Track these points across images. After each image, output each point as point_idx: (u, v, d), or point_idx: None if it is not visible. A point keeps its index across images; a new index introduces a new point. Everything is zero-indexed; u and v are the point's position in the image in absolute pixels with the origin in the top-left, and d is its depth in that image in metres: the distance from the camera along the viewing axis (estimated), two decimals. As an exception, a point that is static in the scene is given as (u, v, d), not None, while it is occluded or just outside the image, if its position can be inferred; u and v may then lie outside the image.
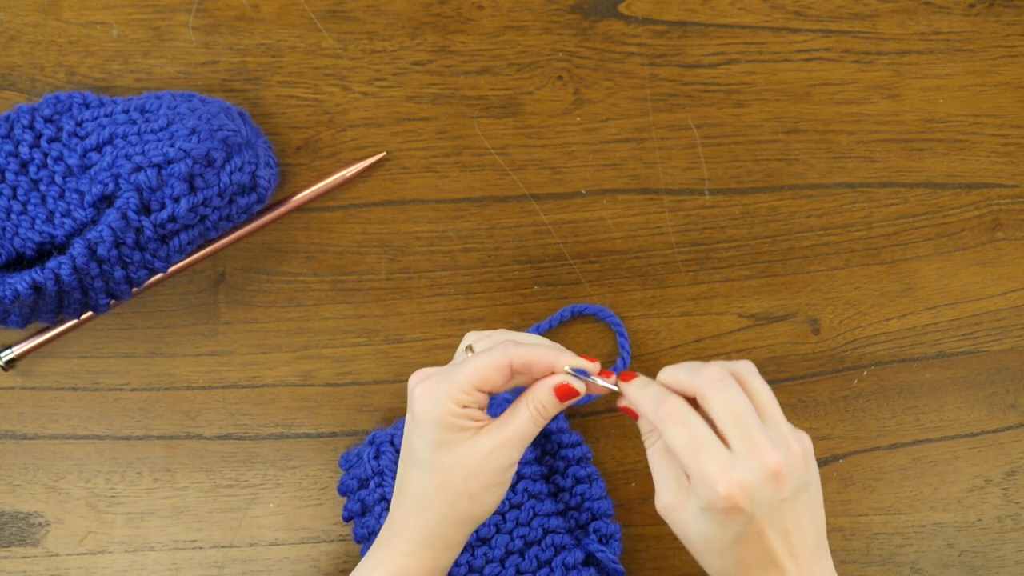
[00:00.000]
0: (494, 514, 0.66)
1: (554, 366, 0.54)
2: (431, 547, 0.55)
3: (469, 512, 0.55)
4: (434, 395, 0.53)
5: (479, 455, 0.53)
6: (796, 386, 0.73)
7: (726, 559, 0.53)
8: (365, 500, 0.65)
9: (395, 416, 0.71)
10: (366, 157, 0.71)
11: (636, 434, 0.71)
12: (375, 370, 0.71)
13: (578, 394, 0.54)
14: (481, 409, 0.55)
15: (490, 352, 0.54)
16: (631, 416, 0.56)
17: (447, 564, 0.57)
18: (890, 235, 0.74)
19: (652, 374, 0.58)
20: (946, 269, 0.74)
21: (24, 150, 0.65)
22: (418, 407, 0.54)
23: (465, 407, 0.53)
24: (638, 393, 0.54)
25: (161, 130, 0.63)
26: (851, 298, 0.73)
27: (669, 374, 0.54)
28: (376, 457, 0.65)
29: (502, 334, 0.57)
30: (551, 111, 0.72)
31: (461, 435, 0.53)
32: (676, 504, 0.53)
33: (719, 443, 0.51)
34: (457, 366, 0.54)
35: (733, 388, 0.52)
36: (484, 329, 0.58)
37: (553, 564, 0.65)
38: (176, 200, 0.62)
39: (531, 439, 0.55)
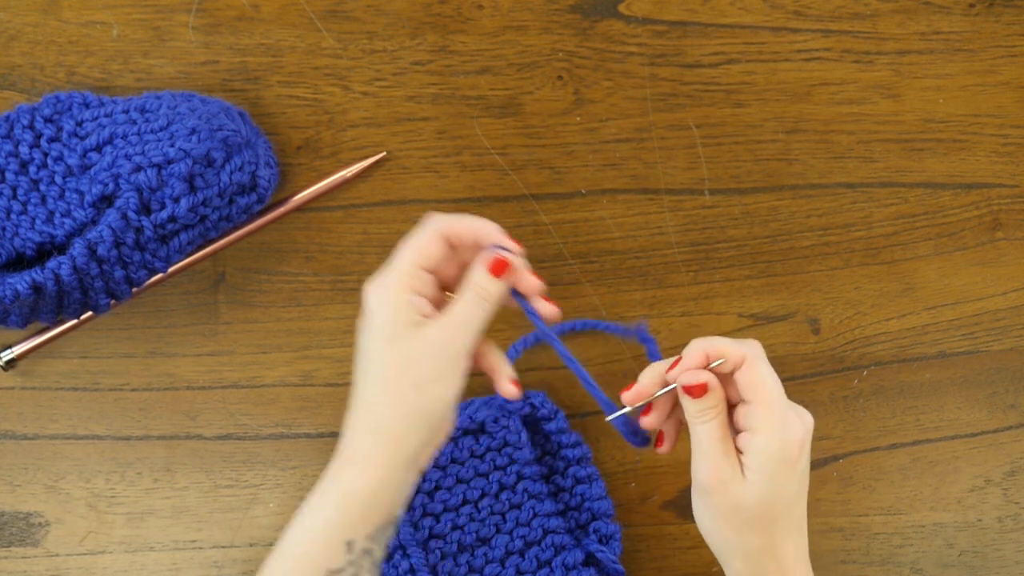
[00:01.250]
0: (493, 514, 0.66)
1: (478, 235, 0.54)
2: (382, 453, 0.53)
3: (417, 405, 0.52)
4: (383, 287, 0.53)
5: (424, 341, 0.52)
6: (796, 386, 0.73)
7: (762, 534, 0.55)
8: None
9: (395, 416, 0.71)
10: (366, 157, 0.71)
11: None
12: (375, 370, 0.71)
13: (510, 265, 0.54)
14: (433, 306, 0.54)
15: (420, 229, 0.54)
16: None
17: (402, 484, 0.54)
18: (890, 235, 0.74)
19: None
20: (946, 269, 0.74)
21: (24, 150, 0.65)
22: (371, 301, 0.53)
23: (415, 294, 0.53)
24: (722, 343, 0.56)
25: (161, 130, 0.63)
26: (851, 298, 0.73)
27: (714, 343, 0.56)
28: None
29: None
30: (551, 111, 0.72)
31: (412, 329, 0.52)
32: (733, 474, 0.55)
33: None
34: (398, 253, 0.54)
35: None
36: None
37: (553, 564, 0.65)
38: (176, 200, 0.62)
39: (477, 324, 0.53)
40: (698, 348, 0.56)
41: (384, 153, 0.71)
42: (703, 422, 0.55)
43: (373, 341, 0.53)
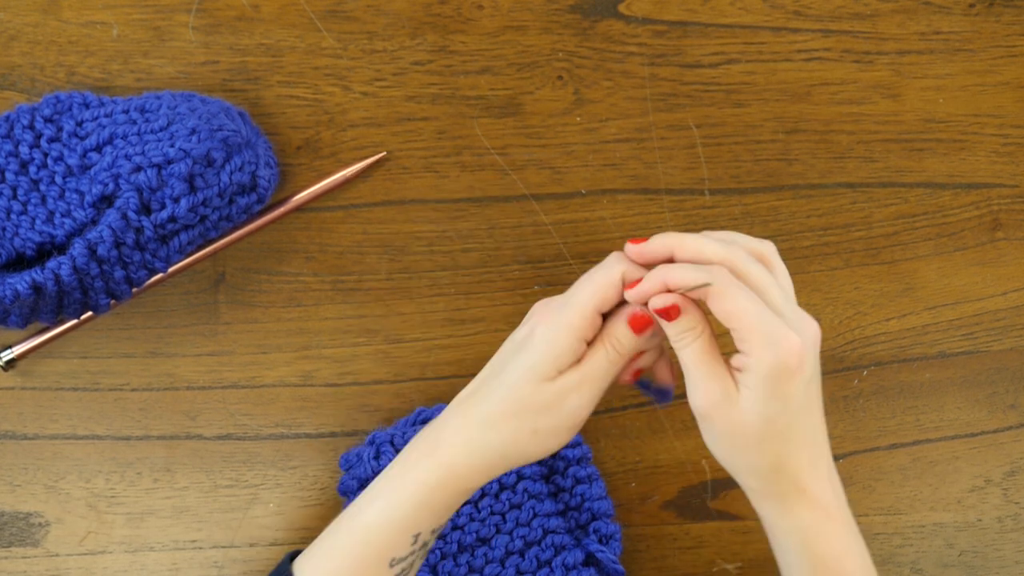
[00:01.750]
0: (493, 514, 0.66)
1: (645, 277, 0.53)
2: (468, 465, 0.54)
3: (525, 449, 0.54)
4: (557, 325, 0.53)
5: (556, 392, 0.53)
6: (796, 386, 0.73)
7: (768, 453, 0.53)
8: None
9: (395, 416, 0.71)
10: (366, 157, 0.71)
11: (636, 434, 0.71)
12: (375, 370, 0.71)
13: (652, 323, 0.54)
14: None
15: (605, 268, 0.54)
16: (660, 318, 0.54)
17: (467, 494, 0.55)
18: (890, 235, 0.74)
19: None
20: (946, 269, 0.74)
21: (24, 150, 0.64)
22: (541, 334, 0.53)
23: (583, 341, 0.53)
24: (680, 272, 0.53)
25: (161, 130, 0.63)
26: (851, 298, 0.73)
27: (671, 275, 0.53)
28: (376, 457, 0.65)
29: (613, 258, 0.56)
30: (551, 111, 0.72)
31: (555, 366, 0.53)
32: (727, 396, 0.52)
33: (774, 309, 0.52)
34: (574, 290, 0.54)
35: (759, 265, 0.53)
36: (480, 328, 0.57)
37: (553, 564, 0.65)
38: (176, 200, 0.62)
39: (608, 379, 0.54)
40: (657, 278, 0.53)
41: (384, 153, 0.71)
42: (684, 346, 0.53)
43: (523, 370, 0.53)
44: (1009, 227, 0.74)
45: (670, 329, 0.53)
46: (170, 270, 0.67)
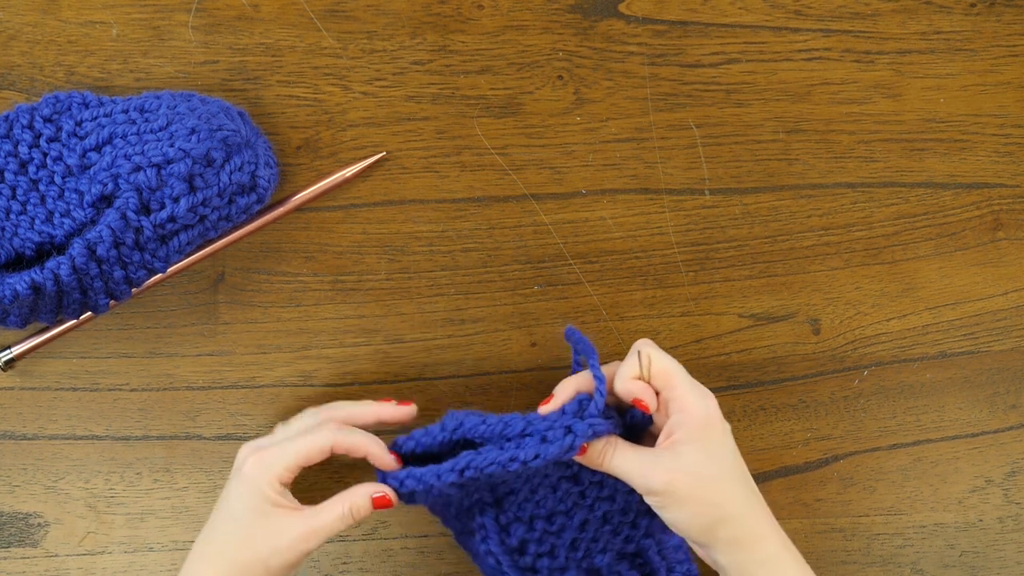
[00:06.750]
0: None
1: (370, 456, 0.60)
2: None
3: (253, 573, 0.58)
4: (263, 465, 0.59)
5: (288, 536, 0.58)
6: (797, 386, 0.73)
7: (720, 495, 0.57)
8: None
9: (395, 416, 0.71)
10: (366, 157, 0.70)
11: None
12: (375, 370, 0.71)
13: (392, 504, 0.60)
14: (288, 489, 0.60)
15: (318, 434, 0.60)
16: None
17: None
18: (891, 235, 0.73)
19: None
20: (947, 269, 0.74)
21: (23, 150, 0.64)
22: (247, 469, 0.59)
23: (283, 485, 0.59)
24: (626, 365, 0.60)
25: (161, 130, 0.63)
26: (852, 298, 0.73)
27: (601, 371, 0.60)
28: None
29: (338, 408, 0.63)
30: (551, 111, 0.72)
31: (275, 509, 0.58)
32: (675, 464, 0.57)
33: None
34: (288, 442, 0.60)
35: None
36: (480, 328, 0.57)
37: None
38: (176, 200, 0.62)
39: (333, 535, 0.59)
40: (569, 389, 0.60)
41: (384, 153, 0.71)
42: (610, 457, 0.59)
43: (240, 503, 0.59)
44: (1010, 227, 0.74)
45: (590, 454, 0.59)
46: (170, 270, 0.67)
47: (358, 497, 0.59)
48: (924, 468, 0.73)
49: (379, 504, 0.59)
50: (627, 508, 0.64)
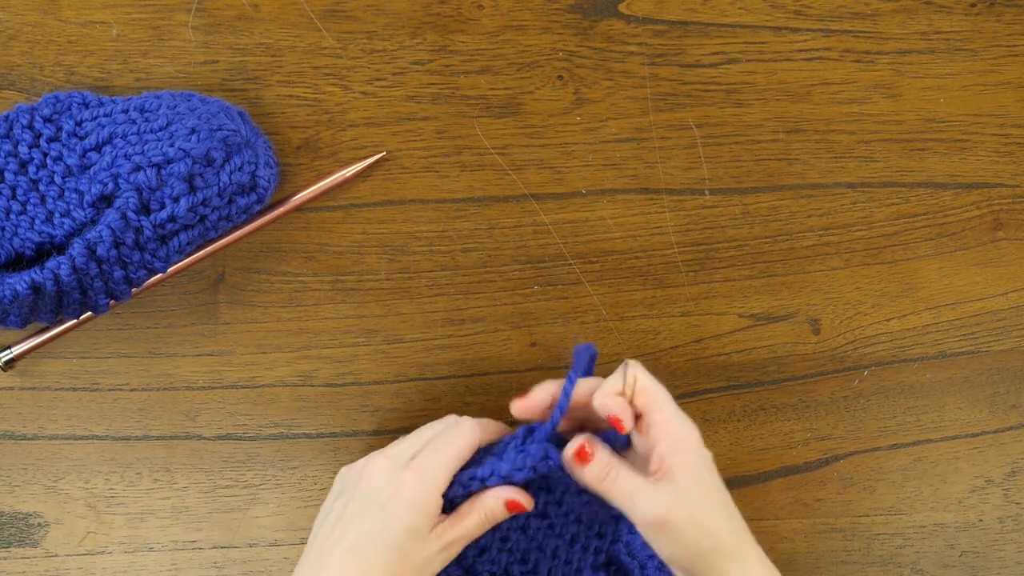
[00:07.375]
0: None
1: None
2: None
3: None
4: (426, 481, 0.58)
5: (436, 548, 0.58)
6: (797, 386, 0.73)
7: (715, 518, 0.57)
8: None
9: (395, 416, 0.71)
10: (366, 157, 0.70)
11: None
12: (375, 370, 0.71)
13: (526, 510, 0.59)
14: None
15: (463, 432, 0.60)
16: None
17: None
18: (891, 235, 0.73)
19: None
20: (947, 269, 0.74)
21: (23, 150, 0.64)
22: (410, 491, 0.57)
23: (442, 496, 0.58)
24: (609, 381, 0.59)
25: (160, 130, 0.63)
26: (852, 298, 0.73)
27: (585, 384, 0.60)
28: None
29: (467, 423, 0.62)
30: (551, 111, 0.72)
31: (429, 524, 0.58)
32: (674, 491, 0.56)
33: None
34: (433, 450, 0.59)
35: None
36: (480, 328, 0.57)
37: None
38: (176, 200, 0.62)
39: (472, 540, 0.59)
40: (544, 392, 0.60)
41: (384, 153, 0.71)
42: (611, 480, 0.57)
43: (398, 524, 0.57)
44: (1010, 227, 0.74)
45: (593, 468, 0.58)
46: (170, 270, 0.67)
47: (492, 502, 0.59)
48: (924, 468, 0.73)
49: (513, 507, 0.59)
50: (591, 522, 0.65)
